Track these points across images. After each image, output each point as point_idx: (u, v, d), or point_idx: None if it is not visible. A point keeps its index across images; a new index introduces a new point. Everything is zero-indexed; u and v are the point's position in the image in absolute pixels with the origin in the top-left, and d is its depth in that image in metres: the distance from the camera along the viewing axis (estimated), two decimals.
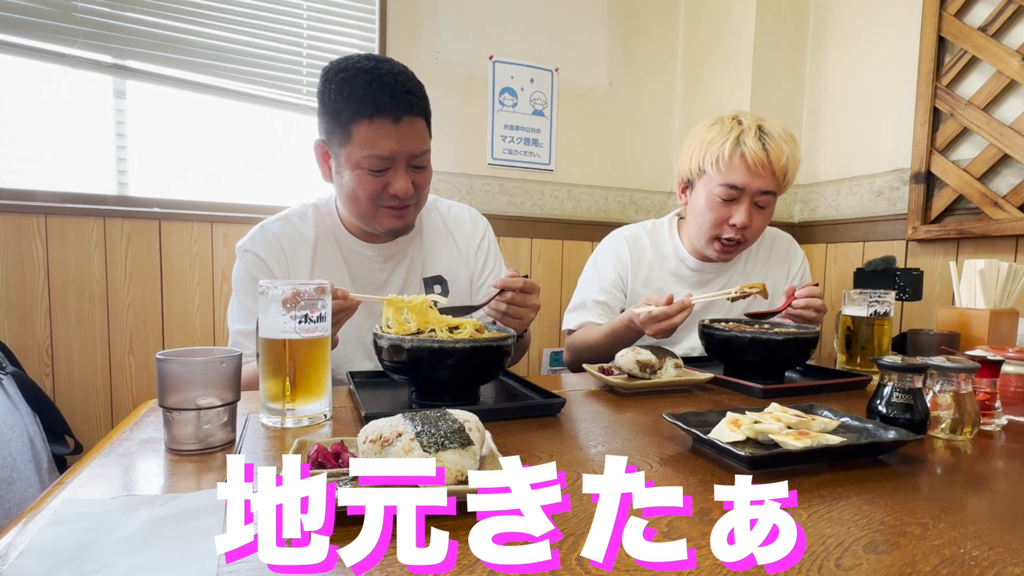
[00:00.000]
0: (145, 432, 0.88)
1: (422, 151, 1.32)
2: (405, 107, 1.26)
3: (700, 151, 1.65)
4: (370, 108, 1.24)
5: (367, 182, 1.31)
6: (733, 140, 1.58)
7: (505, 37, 2.68)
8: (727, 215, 1.63)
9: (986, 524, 0.63)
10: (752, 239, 1.69)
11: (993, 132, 2.05)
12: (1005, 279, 1.58)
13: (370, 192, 1.32)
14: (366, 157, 1.27)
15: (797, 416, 0.88)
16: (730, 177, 1.59)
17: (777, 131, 1.60)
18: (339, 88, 1.27)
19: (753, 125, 1.60)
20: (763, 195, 1.61)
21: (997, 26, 2.05)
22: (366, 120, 1.25)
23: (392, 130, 1.26)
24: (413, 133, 1.29)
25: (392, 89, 1.25)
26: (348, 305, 1.15)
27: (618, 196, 2.93)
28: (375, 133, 1.26)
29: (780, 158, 1.58)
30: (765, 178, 1.59)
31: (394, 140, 1.27)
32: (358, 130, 1.26)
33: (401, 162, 1.30)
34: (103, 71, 2.17)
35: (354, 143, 1.27)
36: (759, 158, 1.56)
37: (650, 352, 1.27)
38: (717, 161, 1.60)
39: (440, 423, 0.67)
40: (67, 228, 2.07)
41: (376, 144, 1.26)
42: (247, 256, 1.42)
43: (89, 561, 0.51)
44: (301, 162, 2.53)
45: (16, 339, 2.03)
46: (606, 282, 1.79)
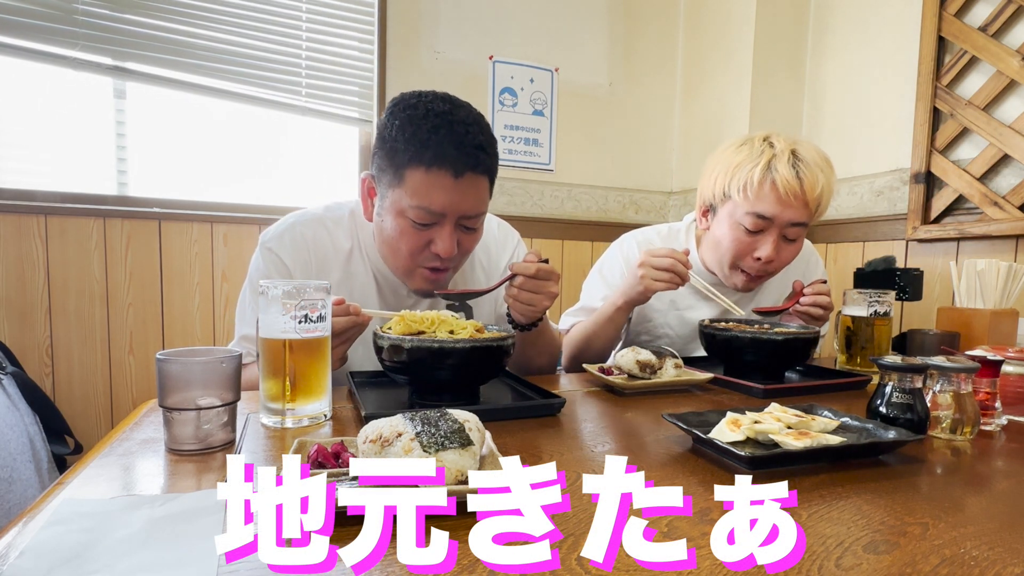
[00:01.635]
0: (145, 432, 0.88)
1: (477, 213, 1.22)
2: (471, 163, 1.15)
3: (726, 175, 1.48)
4: (430, 156, 1.13)
5: (410, 235, 1.20)
6: (764, 165, 1.42)
7: (505, 37, 2.68)
8: (752, 247, 1.49)
9: (986, 524, 0.63)
10: (777, 270, 1.56)
11: (993, 132, 2.05)
12: (1005, 279, 1.59)
13: (411, 247, 1.22)
14: (414, 207, 1.16)
15: (797, 416, 0.88)
16: (759, 206, 1.44)
17: (812, 156, 1.44)
18: (403, 126, 1.15)
19: (787, 150, 1.43)
20: (793, 227, 1.46)
21: (997, 26, 2.05)
22: (423, 168, 1.14)
23: (450, 184, 1.15)
24: (472, 192, 1.18)
25: (460, 140, 1.13)
26: (360, 321, 1.10)
27: (618, 196, 2.93)
28: (430, 184, 1.14)
29: (815, 187, 1.42)
30: (797, 209, 1.43)
31: (449, 196, 1.16)
32: (412, 176, 1.15)
33: (451, 220, 1.19)
34: (103, 73, 2.17)
35: (404, 188, 1.16)
36: (792, 187, 1.40)
37: (650, 352, 1.27)
38: (745, 187, 1.44)
39: (440, 423, 0.67)
40: (67, 228, 2.07)
41: (428, 196, 1.15)
42: (270, 257, 1.30)
43: (89, 561, 0.51)
44: (300, 163, 2.54)
45: (16, 339, 2.03)
46: (612, 289, 1.62)
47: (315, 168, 2.57)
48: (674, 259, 1.38)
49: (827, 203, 1.48)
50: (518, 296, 1.24)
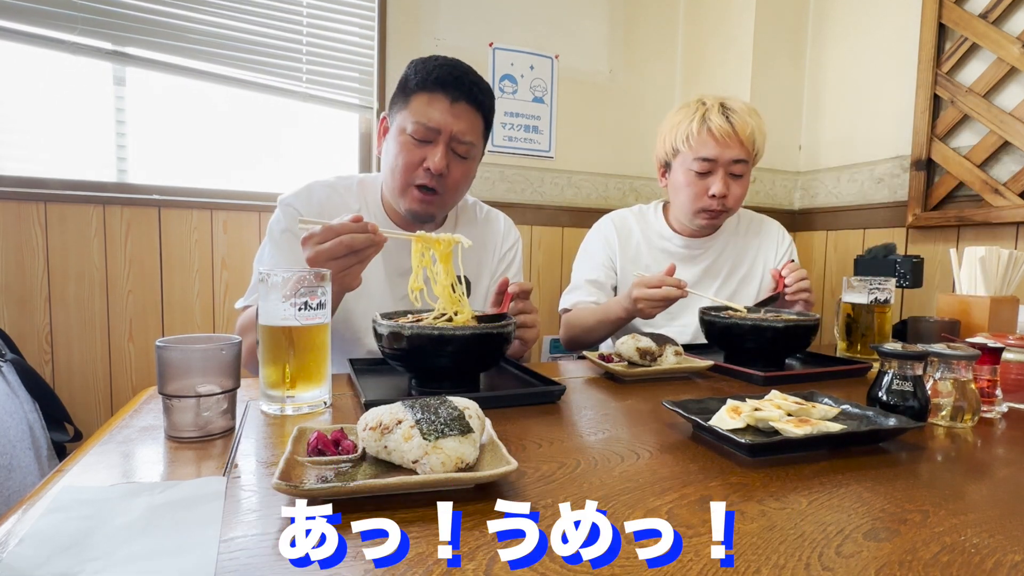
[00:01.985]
0: (145, 419, 0.88)
1: (467, 137, 1.38)
2: (465, 93, 1.36)
3: (671, 133, 1.76)
4: (432, 83, 1.34)
5: (408, 149, 1.36)
6: (700, 117, 1.69)
7: (505, 24, 2.66)
8: (705, 187, 1.72)
9: (986, 511, 0.63)
10: (734, 206, 1.76)
11: (993, 119, 2.04)
12: (1005, 266, 1.58)
13: (407, 160, 1.37)
14: (414, 123, 1.34)
15: (797, 403, 0.88)
16: (702, 151, 1.69)
17: (739, 106, 1.71)
18: (416, 66, 1.38)
19: (716, 103, 1.71)
20: (736, 164, 1.70)
21: (997, 13, 2.04)
22: (426, 93, 1.35)
23: (446, 107, 1.34)
24: (464, 117, 1.37)
25: (460, 77, 1.36)
26: (377, 240, 1.14)
27: (618, 183, 2.92)
28: (429, 104, 1.34)
29: (745, 128, 1.68)
30: (734, 148, 1.68)
31: (445, 116, 1.34)
32: (416, 99, 1.35)
33: (444, 139, 1.36)
34: (103, 58, 2.15)
35: (408, 109, 1.36)
36: (725, 130, 1.66)
37: (650, 339, 1.27)
38: (688, 138, 1.71)
39: (440, 410, 0.67)
40: (67, 215, 2.06)
41: (426, 113, 1.34)
42: (288, 211, 1.44)
43: (89, 548, 0.51)
44: (300, 150, 2.53)
45: (16, 326, 2.02)
46: (596, 261, 1.87)
47: (315, 155, 2.56)
48: (667, 287, 1.47)
49: (762, 144, 1.75)
50: (525, 321, 1.28)
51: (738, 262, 1.89)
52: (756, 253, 1.91)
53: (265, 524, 0.56)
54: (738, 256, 1.89)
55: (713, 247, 1.87)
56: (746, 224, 1.94)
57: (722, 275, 1.87)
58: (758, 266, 1.89)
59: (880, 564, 0.51)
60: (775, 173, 2.79)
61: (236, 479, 0.67)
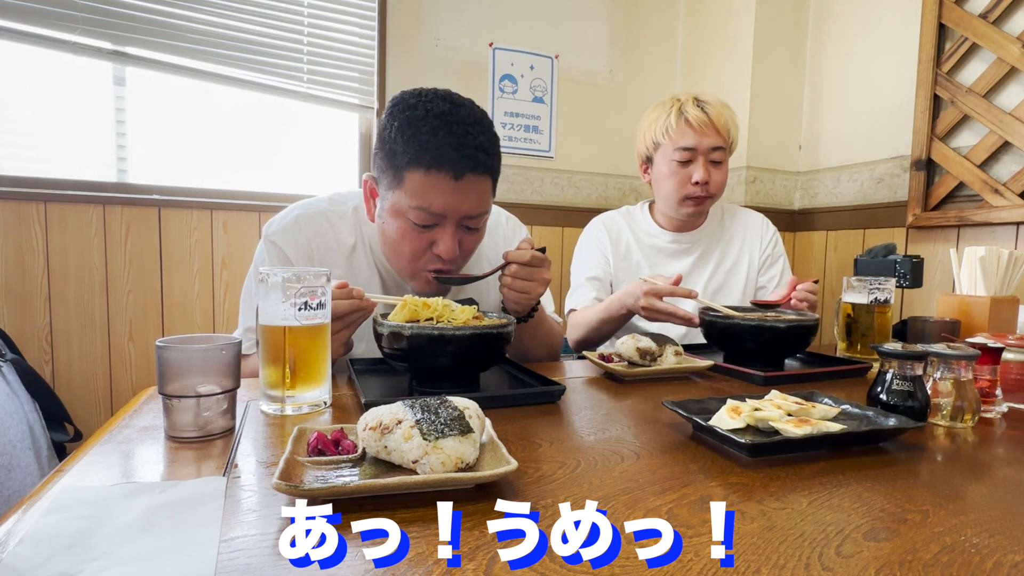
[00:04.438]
0: (145, 419, 0.88)
1: (479, 213, 1.21)
2: (471, 164, 1.13)
3: (651, 128, 1.84)
4: (429, 158, 1.11)
5: (411, 236, 1.19)
6: (676, 111, 1.78)
7: (505, 24, 2.66)
8: (688, 175, 1.79)
9: (987, 511, 0.63)
10: (716, 192, 1.83)
11: (993, 119, 2.04)
12: (1005, 266, 1.58)
13: (413, 248, 1.21)
14: (414, 208, 1.15)
15: (797, 403, 0.88)
16: (681, 141, 1.77)
17: (712, 99, 1.80)
18: (402, 127, 1.13)
19: (691, 97, 1.79)
20: (715, 151, 1.78)
21: (998, 13, 2.04)
22: (423, 170, 1.13)
23: (450, 186, 1.14)
24: (473, 193, 1.17)
25: (460, 142, 1.12)
26: (364, 306, 1.09)
27: (618, 183, 2.92)
28: (430, 186, 1.13)
29: (720, 117, 1.77)
30: (712, 136, 1.76)
31: (450, 198, 1.14)
32: (412, 178, 1.14)
33: (452, 221, 1.18)
34: (103, 57, 2.16)
35: (404, 190, 1.15)
36: (701, 120, 1.75)
37: (650, 339, 1.27)
38: (667, 131, 1.79)
39: (440, 410, 0.67)
40: (67, 215, 2.06)
41: (428, 197, 1.14)
42: (273, 249, 1.30)
43: (89, 548, 0.51)
44: (300, 150, 2.53)
45: (15, 326, 2.02)
46: (591, 260, 1.93)
47: (315, 155, 2.56)
48: (673, 309, 1.53)
49: (736, 134, 1.83)
50: (512, 284, 1.24)
51: (725, 253, 1.95)
52: (741, 244, 1.96)
53: (265, 524, 0.56)
54: (724, 248, 1.95)
55: (700, 240, 1.94)
56: (730, 217, 2.00)
57: (711, 266, 1.93)
58: (744, 257, 1.95)
59: (880, 564, 0.51)
60: (775, 173, 2.79)
61: (236, 479, 0.66)
